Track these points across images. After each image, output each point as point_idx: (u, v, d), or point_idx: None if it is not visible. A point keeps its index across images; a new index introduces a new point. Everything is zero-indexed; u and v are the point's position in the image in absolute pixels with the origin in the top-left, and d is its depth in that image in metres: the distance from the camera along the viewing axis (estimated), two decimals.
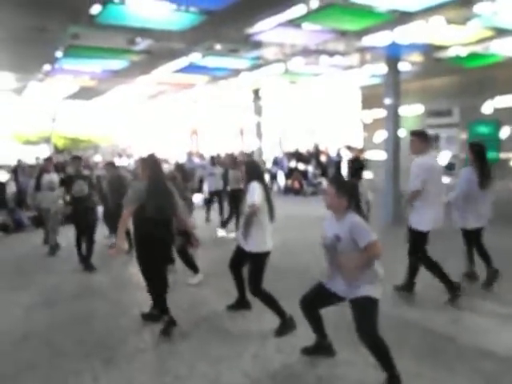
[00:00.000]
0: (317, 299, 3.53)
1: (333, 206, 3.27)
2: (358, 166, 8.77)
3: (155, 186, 4.32)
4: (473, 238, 5.41)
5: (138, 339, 4.22)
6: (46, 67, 9.66)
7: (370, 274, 3.17)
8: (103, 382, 3.49)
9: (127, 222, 4.28)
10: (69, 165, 10.34)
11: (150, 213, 4.19)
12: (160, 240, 4.28)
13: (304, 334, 4.14)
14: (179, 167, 6.72)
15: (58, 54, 8.27)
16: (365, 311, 3.13)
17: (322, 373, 3.48)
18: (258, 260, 4.25)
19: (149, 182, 4.32)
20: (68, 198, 6.91)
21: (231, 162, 8.99)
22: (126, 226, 4.29)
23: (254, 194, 4.20)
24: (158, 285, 4.37)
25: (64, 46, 7.74)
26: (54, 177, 7.94)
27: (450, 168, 12.00)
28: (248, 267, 4.33)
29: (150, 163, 4.49)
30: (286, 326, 4.20)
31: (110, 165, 8.24)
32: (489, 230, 5.42)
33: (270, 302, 4.27)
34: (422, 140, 5.09)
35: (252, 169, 4.46)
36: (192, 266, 5.94)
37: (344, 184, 3.34)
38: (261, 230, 4.26)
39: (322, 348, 3.73)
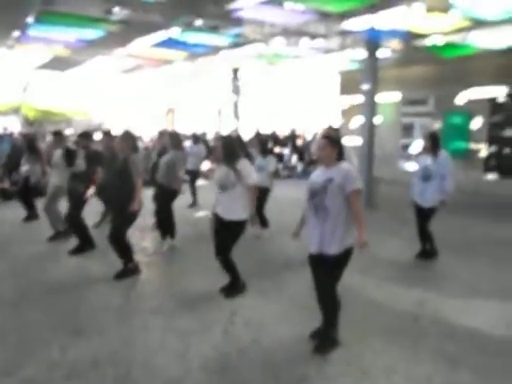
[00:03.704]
0: (318, 274, 3.53)
1: (326, 157, 3.49)
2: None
3: None
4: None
5: (107, 313, 4.20)
6: (16, 33, 9.27)
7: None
8: (71, 353, 3.46)
9: None
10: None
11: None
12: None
13: (271, 311, 4.23)
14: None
15: (29, 19, 7.94)
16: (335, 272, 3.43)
17: (292, 348, 3.56)
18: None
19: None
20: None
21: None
22: None
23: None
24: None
25: (35, 11, 7.42)
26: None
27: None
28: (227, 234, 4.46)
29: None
30: (237, 289, 4.61)
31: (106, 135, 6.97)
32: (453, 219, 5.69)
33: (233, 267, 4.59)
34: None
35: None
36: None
37: (334, 138, 3.62)
38: None
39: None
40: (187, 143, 11.00)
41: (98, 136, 9.90)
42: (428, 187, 5.55)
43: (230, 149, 4.44)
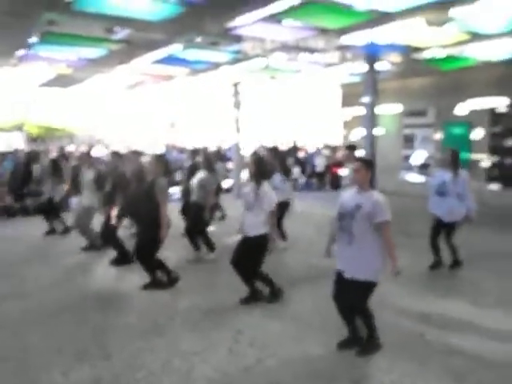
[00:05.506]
0: (340, 289, 3.65)
1: (360, 181, 3.57)
2: None
3: None
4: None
5: (111, 335, 4.18)
6: (20, 52, 9.37)
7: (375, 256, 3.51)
8: (73, 377, 3.44)
9: None
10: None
11: None
12: None
13: (275, 329, 4.19)
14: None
15: (33, 39, 8.02)
16: (363, 294, 3.57)
17: (297, 367, 3.52)
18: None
19: None
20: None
21: None
22: None
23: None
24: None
25: (39, 32, 7.51)
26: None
27: (424, 167, 12.28)
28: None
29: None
30: (276, 295, 4.82)
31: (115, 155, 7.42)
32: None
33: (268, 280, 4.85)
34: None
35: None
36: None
37: (369, 161, 3.75)
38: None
39: (354, 341, 3.78)
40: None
41: (98, 150, 9.97)
42: (443, 202, 5.59)
43: (261, 166, 4.59)
